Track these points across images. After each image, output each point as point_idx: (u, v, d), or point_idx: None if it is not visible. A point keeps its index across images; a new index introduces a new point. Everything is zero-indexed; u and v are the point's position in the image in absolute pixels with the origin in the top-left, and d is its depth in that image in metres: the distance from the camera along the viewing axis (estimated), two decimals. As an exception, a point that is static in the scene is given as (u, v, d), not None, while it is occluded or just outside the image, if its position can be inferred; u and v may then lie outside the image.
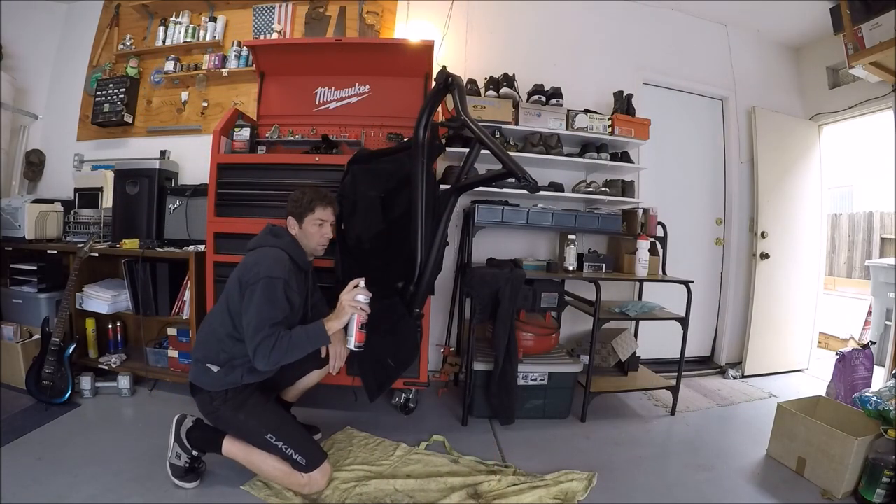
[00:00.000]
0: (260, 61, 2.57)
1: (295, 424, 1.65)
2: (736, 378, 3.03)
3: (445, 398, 2.48)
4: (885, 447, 1.60)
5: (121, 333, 2.59)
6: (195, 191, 2.47)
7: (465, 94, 1.82)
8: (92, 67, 3.15)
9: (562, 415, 2.26)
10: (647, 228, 2.59)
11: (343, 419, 2.12)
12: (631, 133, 2.67)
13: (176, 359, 2.37)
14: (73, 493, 1.48)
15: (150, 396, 2.30)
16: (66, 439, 1.83)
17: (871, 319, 3.39)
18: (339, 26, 2.91)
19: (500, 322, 2.11)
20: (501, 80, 2.62)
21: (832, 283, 5.82)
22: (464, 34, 2.88)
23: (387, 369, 1.98)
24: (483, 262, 2.55)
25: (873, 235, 6.19)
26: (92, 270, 2.46)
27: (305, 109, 2.60)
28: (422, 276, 1.86)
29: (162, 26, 3.02)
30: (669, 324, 2.34)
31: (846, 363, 2.33)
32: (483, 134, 1.69)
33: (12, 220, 2.49)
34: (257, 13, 2.98)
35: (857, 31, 2.34)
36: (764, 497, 1.68)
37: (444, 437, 1.98)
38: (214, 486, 1.58)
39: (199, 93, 2.97)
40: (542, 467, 1.79)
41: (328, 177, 2.11)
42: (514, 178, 1.62)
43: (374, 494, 1.56)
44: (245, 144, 2.34)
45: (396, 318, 1.95)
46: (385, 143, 2.45)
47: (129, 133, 3.05)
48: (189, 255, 2.22)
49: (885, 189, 3.96)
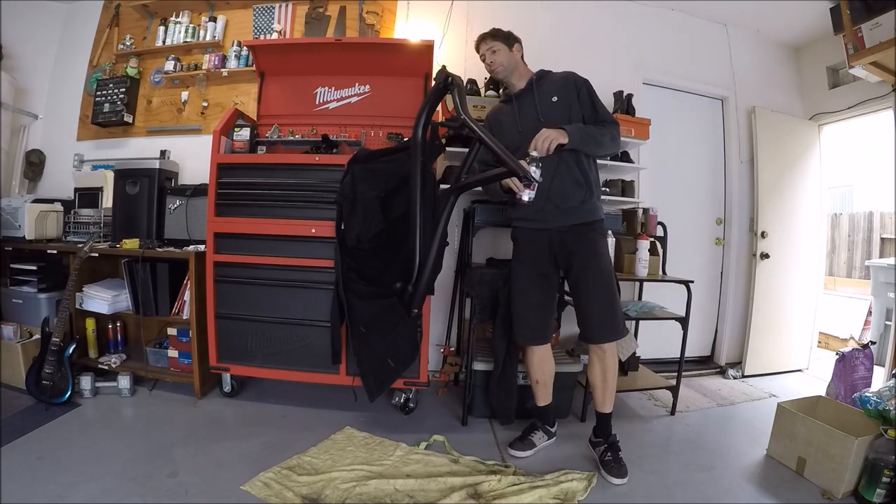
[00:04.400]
0: (260, 61, 2.57)
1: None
2: (736, 378, 3.03)
3: (445, 398, 2.48)
4: (885, 447, 1.60)
5: (121, 333, 2.60)
6: (195, 191, 2.47)
7: (464, 94, 1.82)
8: (92, 67, 3.15)
9: (561, 415, 2.25)
10: (647, 228, 2.58)
11: (343, 419, 2.12)
12: (631, 133, 2.67)
13: (176, 359, 2.37)
14: (73, 493, 1.48)
15: (150, 396, 2.30)
16: (66, 439, 1.83)
17: (871, 319, 3.39)
18: (339, 26, 2.91)
19: (499, 322, 2.10)
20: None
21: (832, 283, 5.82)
22: (464, 34, 2.88)
23: (387, 369, 1.98)
24: (483, 262, 2.55)
25: (873, 235, 6.20)
26: (92, 270, 2.46)
27: (305, 109, 2.60)
28: (421, 276, 1.86)
29: (162, 26, 3.02)
30: (669, 324, 2.34)
31: (846, 363, 2.32)
32: (483, 134, 1.69)
33: (12, 220, 2.49)
34: (257, 13, 2.98)
35: (857, 31, 2.34)
36: (764, 497, 1.68)
37: (444, 436, 1.98)
38: (214, 485, 1.58)
39: (199, 93, 2.97)
40: (541, 467, 1.79)
41: (328, 177, 2.11)
42: (515, 177, 1.62)
43: (374, 494, 1.56)
44: (245, 144, 2.34)
45: (396, 318, 1.95)
46: (385, 143, 2.46)
47: (129, 133, 3.05)
48: (189, 255, 2.22)
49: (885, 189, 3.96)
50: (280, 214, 2.16)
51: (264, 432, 1.97)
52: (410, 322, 1.97)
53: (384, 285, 1.98)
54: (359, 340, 1.95)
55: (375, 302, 1.97)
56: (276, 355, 2.19)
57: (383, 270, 1.99)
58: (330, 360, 2.07)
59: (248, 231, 2.18)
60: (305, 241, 2.14)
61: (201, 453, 1.77)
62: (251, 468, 1.66)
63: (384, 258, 2.00)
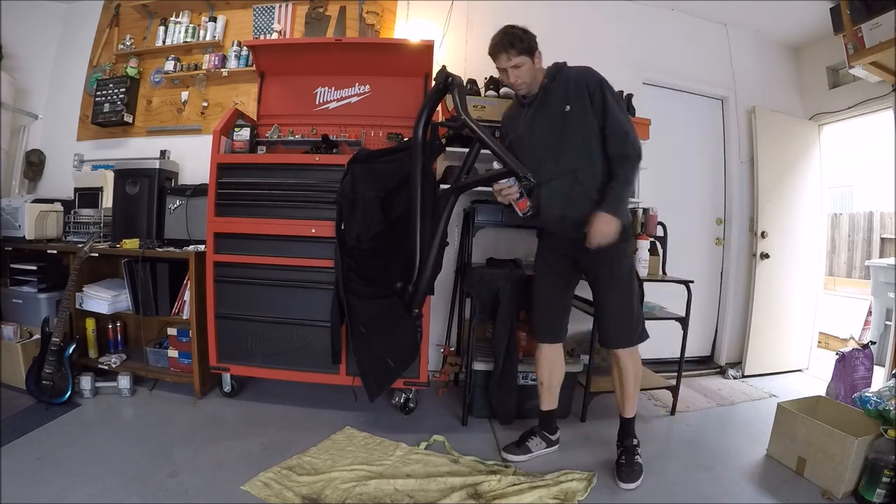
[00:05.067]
0: (260, 61, 2.57)
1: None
2: (736, 378, 3.03)
3: (445, 398, 2.48)
4: (885, 447, 1.60)
5: (121, 333, 2.60)
6: (195, 191, 2.47)
7: (464, 94, 1.82)
8: (92, 67, 3.15)
9: (562, 415, 2.25)
10: (647, 228, 2.58)
11: (343, 419, 2.11)
12: (631, 133, 2.66)
13: (176, 359, 2.37)
14: (73, 493, 1.48)
15: (150, 396, 2.30)
16: (66, 439, 1.83)
17: (871, 319, 3.39)
18: (339, 26, 2.91)
19: (500, 322, 2.11)
20: (501, 80, 2.61)
21: (832, 283, 5.83)
22: (464, 34, 2.88)
23: (387, 369, 1.98)
24: (483, 262, 2.55)
25: (873, 235, 6.20)
26: (92, 270, 2.46)
27: (305, 109, 2.60)
28: (421, 275, 1.86)
29: (162, 26, 3.02)
30: (669, 324, 2.34)
31: (846, 363, 2.33)
32: (483, 134, 1.70)
33: (12, 220, 2.49)
34: (257, 13, 2.98)
35: (857, 31, 2.34)
36: (764, 497, 1.68)
37: (444, 436, 1.98)
38: (214, 485, 1.58)
39: (199, 93, 2.97)
40: (541, 467, 1.79)
41: (328, 177, 2.11)
42: (515, 177, 1.62)
43: (374, 494, 1.56)
44: (245, 144, 2.34)
45: (396, 318, 1.95)
46: (385, 143, 2.46)
47: (129, 133, 3.05)
48: (189, 255, 2.22)
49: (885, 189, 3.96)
50: (280, 214, 2.16)
51: (264, 432, 1.97)
52: (410, 322, 1.97)
53: (384, 285, 1.98)
54: (359, 340, 1.95)
55: (375, 302, 1.97)
56: (276, 355, 2.19)
57: (383, 270, 1.99)
58: (330, 360, 2.08)
59: (248, 231, 2.18)
60: (305, 241, 2.14)
61: (201, 453, 1.77)
62: (251, 468, 1.66)
63: (384, 258, 2.00)
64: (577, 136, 1.68)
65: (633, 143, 1.65)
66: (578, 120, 1.68)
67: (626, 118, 1.69)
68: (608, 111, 1.66)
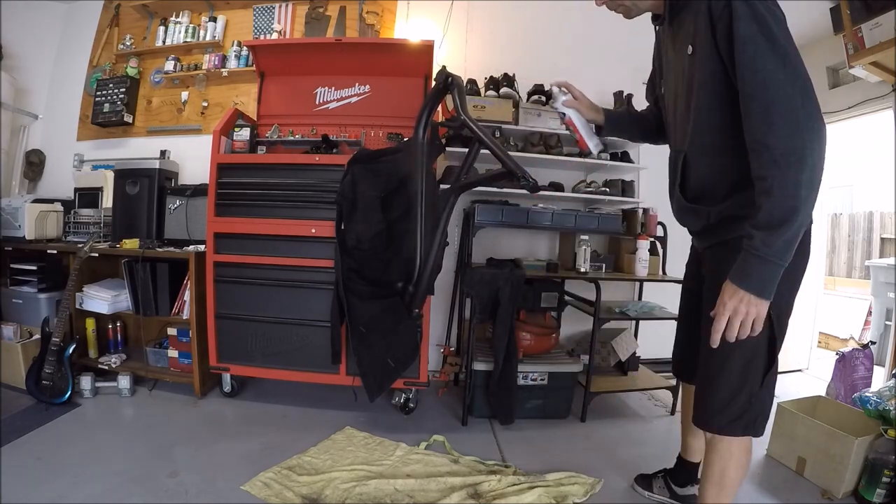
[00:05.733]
0: (260, 61, 2.57)
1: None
2: (736, 378, 3.02)
3: (445, 398, 2.48)
4: (885, 447, 1.60)
5: (121, 333, 2.59)
6: (195, 191, 2.47)
7: (464, 94, 1.82)
8: (92, 67, 3.14)
9: (562, 415, 2.26)
10: (648, 228, 2.59)
11: (343, 419, 2.12)
12: (631, 133, 2.66)
13: (176, 359, 2.37)
14: (73, 493, 1.48)
15: (150, 396, 2.30)
16: (66, 439, 1.83)
17: (871, 319, 3.39)
18: (339, 26, 2.91)
19: (500, 322, 2.11)
20: (501, 80, 2.62)
21: (832, 283, 5.83)
22: (464, 34, 2.88)
23: (387, 369, 1.99)
24: (483, 262, 2.55)
25: (873, 235, 6.20)
26: (92, 270, 2.46)
27: (305, 109, 2.60)
28: (421, 276, 1.86)
29: (162, 26, 3.01)
30: (669, 324, 2.32)
31: (846, 363, 2.32)
32: (483, 134, 1.70)
33: (12, 220, 2.49)
34: (257, 13, 2.98)
35: (857, 31, 2.34)
36: (764, 497, 1.68)
37: (444, 436, 1.98)
38: (214, 485, 1.58)
39: (199, 93, 2.97)
40: (542, 467, 1.79)
41: (328, 177, 2.11)
42: (514, 177, 1.62)
43: (374, 494, 1.56)
44: (245, 144, 2.34)
45: (396, 318, 1.95)
46: (385, 143, 2.45)
47: (129, 133, 3.05)
48: (189, 255, 2.22)
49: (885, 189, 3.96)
50: (280, 214, 2.16)
51: (264, 432, 1.97)
52: (410, 322, 1.98)
53: (384, 285, 1.98)
54: (359, 340, 1.95)
55: (375, 302, 1.98)
56: (276, 355, 2.19)
57: (383, 270, 1.99)
58: (330, 360, 2.08)
59: (248, 231, 2.18)
60: (305, 241, 2.14)
61: (201, 453, 1.77)
62: (251, 468, 1.66)
63: (384, 258, 2.00)
64: (705, 98, 1.05)
65: (788, 126, 0.94)
66: (701, 66, 1.04)
67: (783, 72, 0.94)
68: (738, 56, 0.95)
